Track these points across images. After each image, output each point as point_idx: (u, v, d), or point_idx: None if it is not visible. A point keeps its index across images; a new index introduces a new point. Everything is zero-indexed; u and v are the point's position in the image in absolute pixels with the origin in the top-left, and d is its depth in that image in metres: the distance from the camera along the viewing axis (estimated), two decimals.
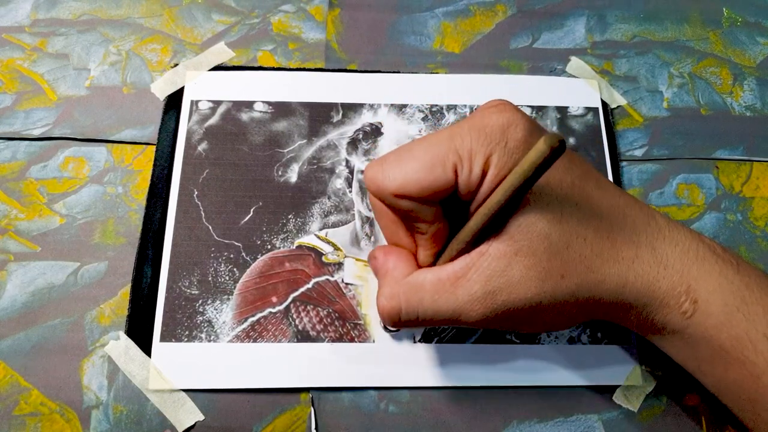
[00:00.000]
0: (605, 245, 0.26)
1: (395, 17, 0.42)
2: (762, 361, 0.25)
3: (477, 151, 0.25)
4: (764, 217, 0.37)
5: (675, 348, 0.28)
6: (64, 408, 0.31)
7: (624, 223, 0.27)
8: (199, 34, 0.40)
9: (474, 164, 0.25)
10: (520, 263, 0.25)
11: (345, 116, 0.38)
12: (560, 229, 0.25)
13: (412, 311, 0.27)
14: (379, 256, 0.29)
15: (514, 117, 0.25)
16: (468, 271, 0.26)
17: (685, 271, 0.26)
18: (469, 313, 0.26)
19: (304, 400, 0.32)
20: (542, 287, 0.26)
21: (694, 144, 0.39)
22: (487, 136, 0.25)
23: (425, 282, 0.27)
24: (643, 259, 0.26)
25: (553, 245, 0.25)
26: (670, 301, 0.26)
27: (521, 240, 0.25)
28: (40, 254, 0.34)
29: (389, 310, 0.28)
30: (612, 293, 0.26)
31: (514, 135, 0.25)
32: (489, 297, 0.26)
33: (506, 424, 0.32)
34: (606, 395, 0.32)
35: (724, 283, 0.26)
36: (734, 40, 0.43)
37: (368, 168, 0.27)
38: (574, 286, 0.26)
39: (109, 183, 0.36)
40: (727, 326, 0.25)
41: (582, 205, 0.26)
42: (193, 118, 0.37)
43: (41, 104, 0.38)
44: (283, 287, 0.33)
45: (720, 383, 0.27)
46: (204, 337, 0.32)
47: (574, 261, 0.26)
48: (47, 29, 0.40)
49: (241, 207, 0.35)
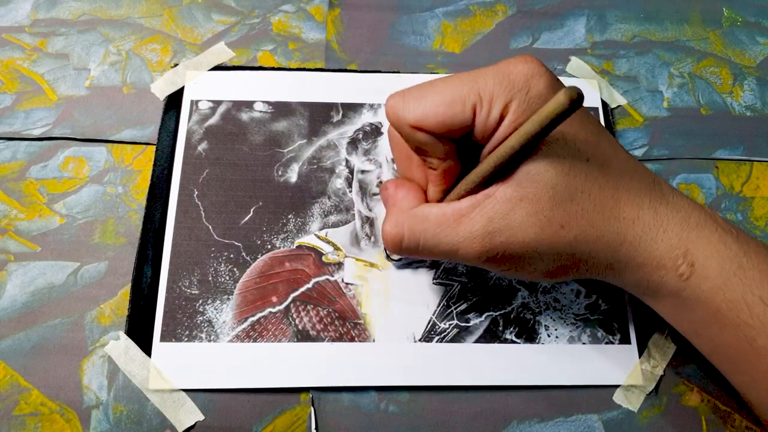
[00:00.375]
0: (608, 203, 0.27)
1: (395, 17, 0.42)
2: (758, 323, 0.25)
3: (498, 95, 0.26)
4: (764, 217, 0.37)
5: (671, 310, 0.29)
6: (64, 408, 0.31)
7: (629, 185, 0.27)
8: (199, 34, 0.40)
9: (493, 107, 0.26)
10: (523, 209, 0.26)
11: (345, 116, 0.38)
12: (567, 182, 0.26)
13: (413, 240, 0.29)
14: (390, 188, 0.31)
15: (539, 69, 0.26)
16: (472, 211, 0.27)
17: (684, 235, 0.27)
18: (467, 249, 0.27)
19: (304, 400, 0.32)
20: (541, 234, 0.26)
21: (694, 144, 0.39)
22: (510, 83, 0.26)
23: (430, 215, 0.28)
24: (643, 220, 0.27)
25: (558, 196, 0.26)
26: (667, 263, 0.27)
27: (528, 187, 0.26)
28: (40, 254, 0.34)
29: (393, 237, 0.29)
30: (609, 250, 0.27)
31: (537, 85, 0.26)
32: (488, 236, 0.27)
33: (506, 424, 0.32)
34: (606, 395, 0.32)
35: (722, 248, 0.26)
36: (734, 40, 0.43)
37: (390, 98, 0.28)
38: (572, 238, 0.27)
39: (109, 183, 0.36)
40: (723, 289, 0.26)
41: (591, 162, 0.27)
42: (193, 118, 0.37)
43: (41, 104, 0.38)
44: (283, 287, 0.33)
45: (715, 346, 0.28)
46: (204, 337, 0.32)
47: (575, 213, 0.26)
48: (47, 29, 0.40)
49: (241, 207, 0.35)
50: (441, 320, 0.33)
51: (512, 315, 0.34)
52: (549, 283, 0.34)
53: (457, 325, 0.33)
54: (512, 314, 0.34)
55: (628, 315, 0.34)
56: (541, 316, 0.34)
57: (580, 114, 0.28)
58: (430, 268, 0.34)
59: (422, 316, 0.33)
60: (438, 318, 0.33)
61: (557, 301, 0.34)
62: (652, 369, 0.33)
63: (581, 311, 0.34)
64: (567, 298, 0.34)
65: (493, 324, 0.33)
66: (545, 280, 0.32)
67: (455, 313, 0.33)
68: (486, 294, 0.34)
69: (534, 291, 0.34)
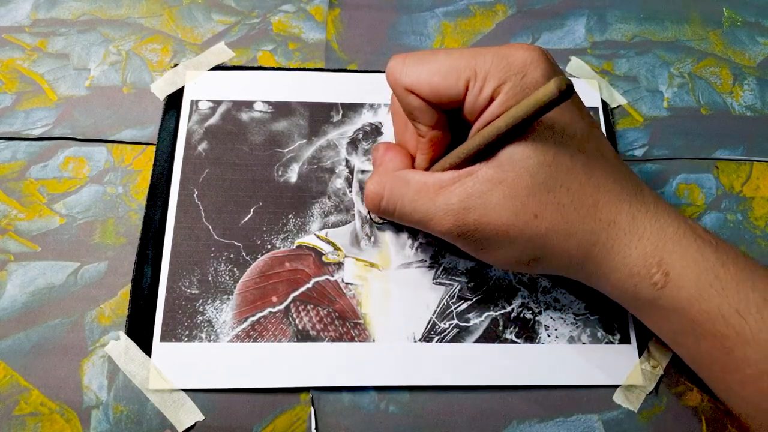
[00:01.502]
0: (586, 201, 0.27)
1: (395, 17, 0.42)
2: (733, 334, 0.25)
3: (493, 75, 0.26)
4: (764, 217, 0.37)
5: (650, 318, 0.29)
6: (64, 408, 0.31)
7: (611, 188, 0.27)
8: (199, 34, 0.40)
9: (486, 86, 0.26)
10: (500, 191, 0.27)
11: (345, 116, 0.38)
12: (547, 172, 0.27)
13: (392, 202, 0.30)
14: (380, 149, 0.32)
15: (539, 58, 0.27)
16: (452, 184, 0.28)
17: (660, 244, 0.27)
18: (440, 221, 0.28)
19: (304, 400, 0.32)
20: (513, 220, 0.27)
21: (694, 144, 0.39)
22: (507, 65, 0.26)
23: (412, 180, 0.29)
24: (619, 225, 0.27)
25: (536, 185, 0.26)
26: (641, 271, 0.27)
27: (508, 171, 0.27)
28: (40, 254, 0.34)
29: (373, 195, 0.30)
30: (581, 249, 0.27)
31: (533, 72, 0.26)
32: (462, 212, 0.27)
33: (506, 424, 0.32)
34: (606, 395, 0.32)
35: (700, 259, 0.26)
36: (734, 40, 0.43)
37: (392, 59, 0.29)
38: (543, 229, 0.27)
39: (109, 183, 0.36)
40: (699, 300, 0.26)
41: (576, 157, 0.27)
42: (193, 118, 0.37)
43: (41, 104, 0.38)
44: (283, 287, 0.33)
45: (694, 355, 0.28)
46: (204, 336, 0.32)
47: (551, 205, 0.27)
48: (47, 29, 0.40)
49: (241, 207, 0.35)
50: (441, 320, 0.33)
51: (512, 315, 0.34)
52: (525, 273, 0.34)
53: (457, 325, 0.33)
54: (512, 314, 0.34)
55: (628, 315, 0.34)
56: (541, 316, 0.34)
57: (575, 109, 0.28)
58: (430, 268, 0.34)
59: (422, 316, 0.33)
60: (438, 318, 0.33)
61: (557, 301, 0.34)
62: (652, 369, 0.33)
63: (581, 311, 0.34)
64: (567, 298, 0.34)
65: (493, 324, 0.33)
66: (517, 268, 0.32)
67: (455, 313, 0.33)
68: (486, 294, 0.34)
69: (534, 291, 0.34)
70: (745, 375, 0.26)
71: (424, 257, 0.35)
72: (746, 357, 0.25)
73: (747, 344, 0.25)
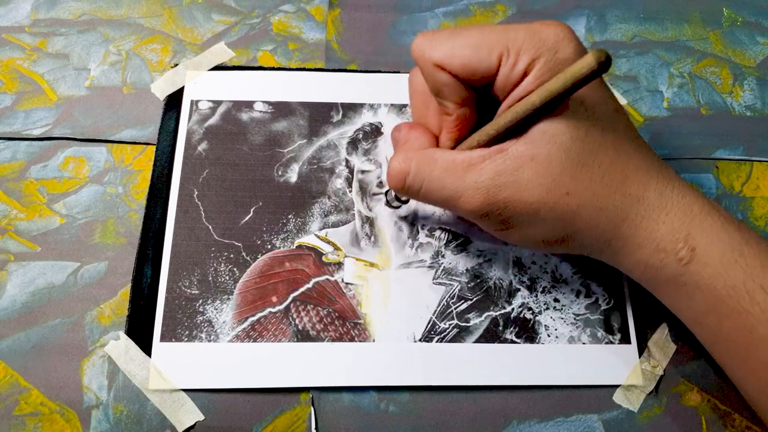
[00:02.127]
0: (616, 177, 0.27)
1: (395, 17, 0.42)
2: (758, 311, 0.25)
3: (526, 49, 0.26)
4: (764, 217, 0.37)
5: (671, 297, 0.29)
6: (64, 408, 0.31)
7: (639, 164, 0.27)
8: (199, 34, 0.40)
9: (519, 61, 0.26)
10: (532, 168, 0.26)
11: (345, 116, 0.38)
12: (580, 148, 0.26)
13: (419, 179, 0.29)
14: (403, 129, 0.31)
15: (571, 35, 0.27)
16: (482, 162, 0.27)
17: (687, 220, 0.27)
18: (470, 198, 0.27)
19: (304, 400, 0.32)
20: (545, 197, 0.26)
21: (694, 144, 0.39)
22: (540, 41, 0.26)
23: (439, 158, 0.28)
24: (648, 200, 0.27)
25: (569, 161, 0.26)
26: (667, 246, 0.27)
27: (541, 147, 0.26)
28: (40, 254, 0.34)
29: (398, 172, 0.29)
30: (610, 225, 0.27)
31: (566, 48, 0.26)
32: (494, 189, 0.27)
33: (506, 424, 0.32)
34: (606, 395, 0.32)
35: (724, 236, 0.26)
36: (734, 40, 0.43)
37: (419, 36, 0.28)
38: (575, 206, 0.27)
39: (109, 183, 0.36)
40: (724, 276, 0.26)
41: (607, 134, 0.27)
42: (193, 118, 0.37)
43: (41, 104, 0.38)
44: (283, 287, 0.33)
45: (715, 336, 0.28)
46: (204, 336, 0.32)
47: (583, 182, 0.26)
48: (47, 29, 0.40)
49: (241, 207, 0.35)
50: (441, 320, 0.33)
51: (512, 315, 0.34)
52: (546, 252, 0.34)
53: (457, 325, 0.33)
54: (512, 314, 0.34)
55: (628, 315, 0.34)
56: (541, 316, 0.34)
57: (604, 88, 0.28)
58: (430, 268, 0.34)
59: (422, 316, 0.33)
60: (438, 318, 0.33)
61: (557, 301, 0.34)
62: (652, 369, 0.33)
63: (581, 311, 0.34)
64: (567, 298, 0.34)
65: (493, 324, 0.33)
66: (542, 247, 0.32)
67: (455, 313, 0.33)
68: (486, 294, 0.34)
69: (534, 291, 0.34)
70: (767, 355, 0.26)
71: (424, 257, 0.35)
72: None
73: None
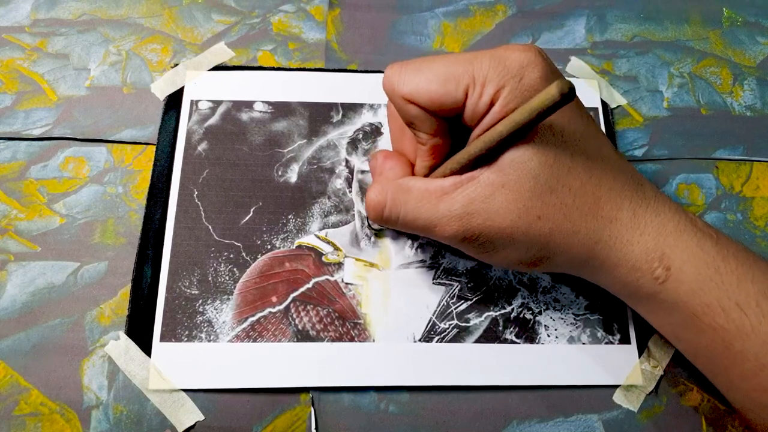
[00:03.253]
0: (588, 200, 0.27)
1: (395, 17, 0.42)
2: (733, 328, 0.25)
3: (491, 79, 0.26)
4: (764, 217, 0.37)
5: (650, 313, 0.29)
6: (64, 408, 0.31)
7: (612, 185, 0.28)
8: (199, 34, 0.40)
9: (485, 91, 0.26)
10: (503, 195, 0.27)
11: (345, 116, 0.38)
12: (549, 173, 0.27)
13: (395, 210, 0.30)
14: (379, 158, 0.32)
15: (536, 59, 0.27)
16: (455, 190, 0.28)
17: (661, 239, 0.27)
18: (444, 227, 0.28)
19: (304, 400, 0.32)
20: (517, 222, 0.27)
21: (694, 144, 0.39)
22: (504, 68, 0.26)
23: (413, 188, 0.29)
24: (621, 221, 0.27)
25: (539, 186, 0.27)
26: (643, 266, 0.27)
27: (510, 174, 0.27)
28: (40, 254, 0.34)
29: (375, 205, 0.30)
30: (584, 247, 0.27)
31: (531, 74, 0.26)
32: (466, 217, 0.27)
33: (506, 424, 0.32)
34: (606, 395, 0.32)
35: (700, 253, 0.27)
36: (734, 40, 0.43)
37: (388, 68, 0.28)
38: (547, 230, 0.27)
39: (109, 183, 0.36)
40: (699, 294, 0.26)
41: (576, 156, 0.27)
42: (193, 118, 0.37)
43: (41, 104, 0.38)
44: (283, 287, 0.33)
45: (695, 349, 0.28)
46: (204, 337, 0.32)
47: (554, 206, 0.27)
48: (47, 29, 0.40)
49: (241, 207, 0.35)
50: (441, 320, 0.33)
51: (512, 315, 0.34)
52: (525, 273, 0.34)
53: (457, 325, 0.33)
54: (512, 314, 0.34)
55: (628, 315, 0.34)
56: (541, 316, 0.34)
57: (573, 107, 0.28)
58: (430, 268, 0.34)
59: (422, 316, 0.33)
60: (438, 318, 0.33)
61: (557, 301, 0.34)
62: (652, 369, 0.33)
63: (581, 311, 0.34)
64: (567, 298, 0.34)
65: (493, 324, 0.33)
66: (521, 268, 0.32)
67: (455, 313, 0.33)
68: (486, 294, 0.34)
69: (534, 291, 0.34)
70: (745, 369, 0.26)
71: (424, 257, 0.35)
72: (746, 350, 0.25)
73: (747, 337, 0.25)
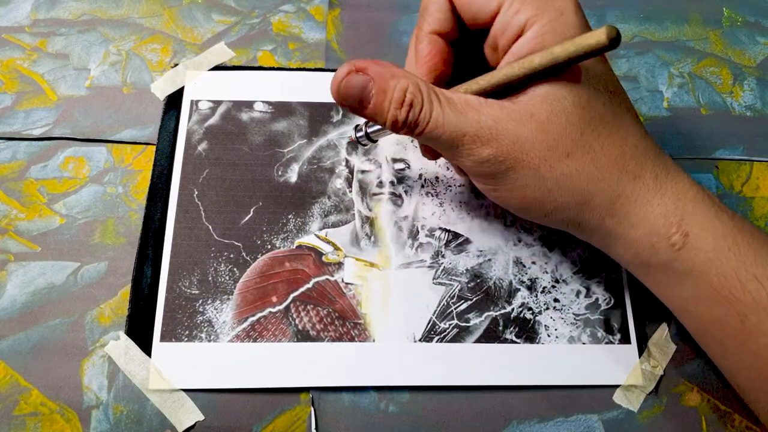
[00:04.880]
0: (614, 151, 0.27)
1: (395, 17, 0.42)
2: (750, 300, 0.25)
3: (530, 3, 0.26)
4: (764, 217, 0.37)
5: (661, 284, 0.28)
6: (64, 408, 0.31)
7: (637, 145, 0.27)
8: (199, 34, 0.40)
9: (521, 11, 0.26)
10: (533, 124, 0.26)
11: (345, 116, 0.38)
12: (581, 114, 0.26)
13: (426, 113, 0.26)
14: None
15: (577, 5, 0.26)
16: (481, 106, 0.26)
17: (681, 205, 0.27)
18: (472, 141, 0.26)
19: (304, 400, 0.32)
20: (546, 154, 0.26)
21: (694, 144, 0.39)
22: (546, 1, 0.26)
23: (441, 94, 0.27)
24: (644, 181, 0.27)
25: (570, 125, 0.26)
26: (660, 230, 0.26)
27: (541, 107, 0.26)
28: (40, 254, 0.34)
29: (408, 101, 0.26)
30: (605, 198, 0.27)
31: (571, 15, 0.26)
32: (496, 135, 0.26)
33: (506, 424, 0.32)
34: (606, 395, 0.32)
35: (718, 224, 0.26)
36: (734, 40, 0.43)
37: None
38: (574, 170, 0.26)
39: (109, 183, 0.36)
40: (717, 264, 0.26)
41: (607, 107, 0.27)
42: (193, 118, 0.37)
43: (41, 104, 0.38)
44: (283, 287, 0.33)
45: (705, 324, 0.28)
46: (204, 336, 0.32)
47: (582, 147, 0.26)
48: (47, 29, 0.40)
49: (241, 207, 0.35)
50: (441, 320, 0.33)
51: (512, 315, 0.34)
52: (536, 221, 0.31)
53: (457, 325, 0.33)
54: (512, 314, 0.34)
55: (628, 315, 0.34)
56: (541, 316, 0.34)
57: (608, 63, 0.28)
58: (430, 268, 0.34)
59: (422, 316, 0.33)
60: (438, 318, 0.33)
61: (557, 301, 0.34)
62: (652, 369, 0.33)
63: (581, 311, 0.34)
64: (567, 298, 0.34)
65: (493, 324, 0.33)
66: (533, 215, 0.29)
67: (455, 313, 0.33)
68: (486, 294, 0.34)
69: (534, 291, 0.34)
70: (759, 344, 0.25)
71: (424, 257, 0.35)
72: (761, 324, 0.25)
73: (764, 311, 0.25)
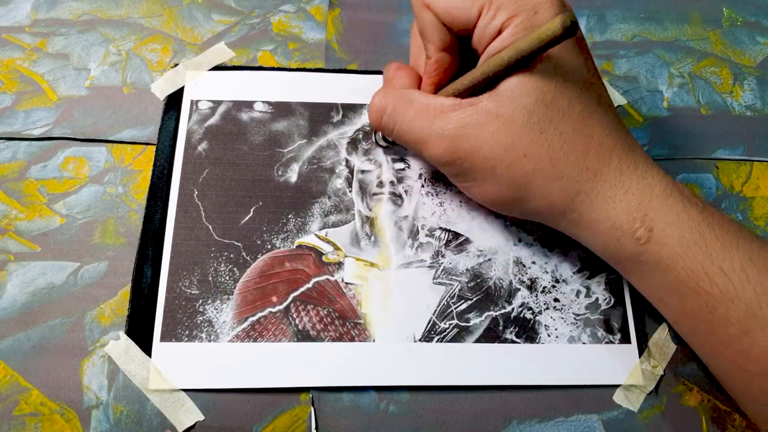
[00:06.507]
0: (576, 148, 0.27)
1: (395, 17, 0.42)
2: (717, 292, 0.26)
3: (506, 6, 0.27)
4: (764, 217, 0.37)
5: (634, 274, 0.29)
6: (64, 408, 0.31)
7: (604, 141, 0.28)
8: (199, 34, 0.40)
9: (498, 15, 0.27)
10: (495, 125, 0.27)
11: (345, 116, 0.38)
12: (543, 112, 0.27)
13: (393, 118, 0.31)
14: (392, 67, 0.33)
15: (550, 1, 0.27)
16: (452, 111, 0.28)
17: (645, 201, 0.27)
18: (434, 144, 0.29)
19: (304, 400, 0.32)
20: (503, 155, 0.27)
21: (694, 144, 0.39)
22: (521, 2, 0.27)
23: (415, 100, 0.30)
24: (606, 177, 0.28)
25: (531, 124, 0.27)
26: (623, 225, 0.27)
27: (507, 106, 0.27)
28: (40, 254, 0.34)
29: (377, 109, 0.31)
30: (563, 195, 0.28)
31: (545, 11, 0.27)
32: (456, 139, 0.28)
33: (506, 424, 0.32)
34: (606, 395, 0.32)
35: (685, 218, 0.27)
36: (734, 39, 0.43)
37: None
38: (530, 170, 0.27)
39: (109, 183, 0.36)
40: (683, 258, 0.26)
41: (573, 103, 0.27)
42: (193, 118, 0.37)
43: (41, 104, 0.38)
44: (283, 287, 0.33)
45: (678, 315, 0.28)
46: (204, 336, 0.32)
47: (541, 146, 0.27)
48: (47, 29, 0.40)
49: (241, 207, 0.35)
50: (441, 320, 0.33)
51: (512, 315, 0.34)
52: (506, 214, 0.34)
53: (457, 325, 0.33)
54: (512, 314, 0.34)
55: (628, 315, 0.34)
56: (541, 316, 0.34)
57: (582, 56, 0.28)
58: (430, 267, 0.34)
59: (422, 316, 0.33)
60: (438, 318, 0.33)
61: (557, 301, 0.34)
62: (652, 369, 0.33)
63: (581, 311, 0.34)
64: (567, 298, 0.34)
65: (493, 324, 0.33)
66: (498, 207, 0.31)
67: (455, 313, 0.33)
68: (486, 294, 0.34)
69: (534, 291, 0.34)
70: (728, 334, 0.26)
71: (424, 257, 0.35)
72: (729, 315, 0.26)
73: (731, 302, 0.25)
